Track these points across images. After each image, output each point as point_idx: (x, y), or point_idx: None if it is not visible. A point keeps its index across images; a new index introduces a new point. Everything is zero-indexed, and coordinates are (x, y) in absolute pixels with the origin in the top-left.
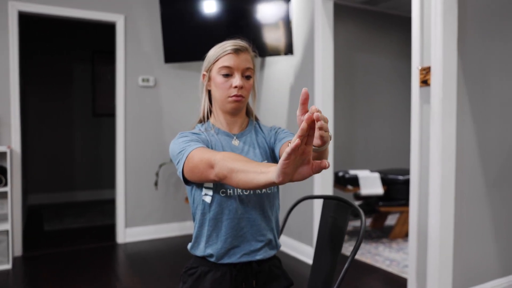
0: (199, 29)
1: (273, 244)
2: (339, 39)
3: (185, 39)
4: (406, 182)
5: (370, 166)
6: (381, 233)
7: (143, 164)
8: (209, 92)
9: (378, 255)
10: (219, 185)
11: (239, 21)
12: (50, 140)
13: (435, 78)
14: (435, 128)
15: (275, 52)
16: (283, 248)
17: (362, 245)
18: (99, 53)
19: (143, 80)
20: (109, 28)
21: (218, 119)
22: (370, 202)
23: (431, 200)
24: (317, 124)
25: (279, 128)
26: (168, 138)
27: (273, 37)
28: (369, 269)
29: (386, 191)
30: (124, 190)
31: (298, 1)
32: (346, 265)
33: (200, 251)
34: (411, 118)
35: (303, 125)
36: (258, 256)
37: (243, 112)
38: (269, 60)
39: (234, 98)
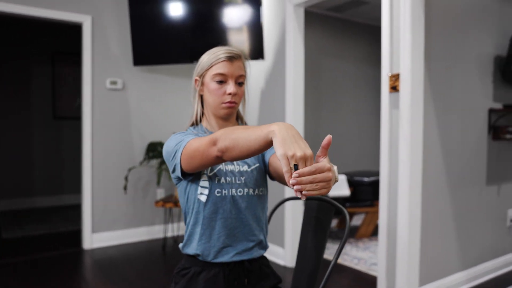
0: (168, 32)
1: (263, 244)
2: (307, 44)
3: (154, 41)
4: (371, 184)
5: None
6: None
7: (110, 168)
8: (201, 96)
9: (346, 254)
10: (214, 185)
11: (207, 24)
12: (7, 144)
13: (404, 85)
14: (404, 132)
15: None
16: None
17: (330, 245)
18: (60, 54)
19: (111, 82)
20: (70, 29)
21: (211, 123)
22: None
23: (400, 199)
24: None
25: None
26: (137, 142)
27: (242, 42)
28: (338, 268)
29: (352, 193)
30: (91, 195)
31: (269, 7)
32: (331, 264)
33: (192, 249)
34: (381, 122)
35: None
36: (250, 256)
37: (234, 116)
38: None
39: (227, 104)
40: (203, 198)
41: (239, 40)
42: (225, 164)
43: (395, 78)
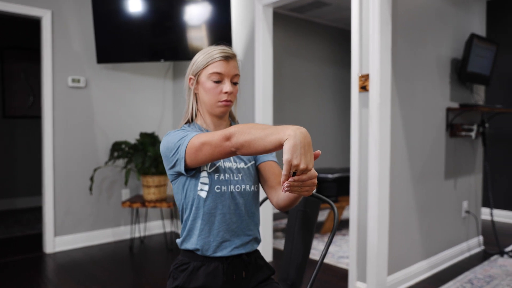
0: (131, 29)
1: (258, 238)
2: None
3: (119, 38)
4: (335, 180)
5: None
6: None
7: (73, 169)
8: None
9: (314, 249)
10: (214, 182)
11: (168, 23)
12: None
13: (373, 85)
14: (373, 130)
15: None
16: None
17: None
18: (10, 49)
19: (73, 80)
20: (21, 23)
21: (205, 121)
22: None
23: (370, 194)
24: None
25: None
26: (101, 142)
27: (208, 40)
28: (308, 262)
29: (317, 189)
30: (53, 197)
31: (238, 6)
32: (320, 258)
33: (192, 244)
34: (351, 121)
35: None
36: (247, 249)
37: (227, 114)
38: None
39: (224, 103)
40: (203, 194)
41: (205, 38)
42: (223, 161)
43: (364, 78)
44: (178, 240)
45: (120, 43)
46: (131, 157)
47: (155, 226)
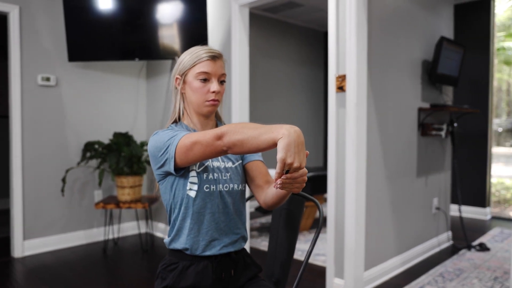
0: (103, 27)
1: (245, 236)
2: None
3: (91, 36)
4: (309, 179)
5: (275, 165)
6: None
7: (43, 170)
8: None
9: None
10: (203, 181)
11: (140, 20)
12: None
13: (350, 85)
14: (350, 129)
15: None
16: None
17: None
18: None
19: (43, 78)
20: None
21: (192, 121)
22: None
23: (347, 192)
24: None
25: None
26: (72, 142)
27: (188, 39)
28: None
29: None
30: (22, 199)
31: (214, 6)
32: (306, 256)
33: (181, 243)
34: (328, 120)
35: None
36: (235, 248)
37: (214, 114)
38: None
39: (211, 102)
40: (192, 194)
41: (176, 37)
42: (212, 161)
43: (341, 79)
44: (166, 240)
45: (92, 40)
46: (104, 157)
47: (129, 228)
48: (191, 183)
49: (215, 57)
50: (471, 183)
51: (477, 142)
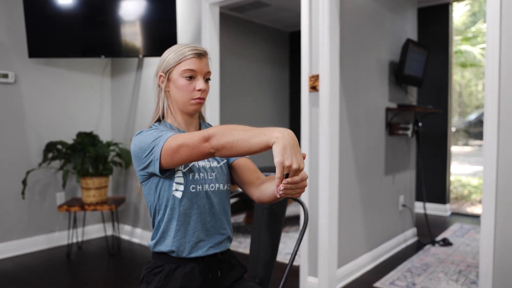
0: (65, 22)
1: (230, 237)
2: None
3: (53, 31)
4: None
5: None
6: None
7: (1, 172)
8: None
9: None
10: (189, 181)
11: (100, 16)
12: None
13: (323, 85)
14: (323, 129)
15: (159, 53)
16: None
17: (242, 239)
18: None
19: (0, 75)
20: None
21: (177, 119)
22: (245, 199)
23: (321, 191)
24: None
25: None
26: (32, 142)
27: (155, 37)
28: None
29: None
30: None
31: (184, 4)
32: (292, 256)
33: (166, 246)
34: (301, 120)
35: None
36: (221, 248)
37: (197, 113)
38: (148, 60)
39: (197, 100)
40: (179, 194)
41: (139, 35)
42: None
43: (314, 78)
44: (150, 243)
45: (54, 36)
46: (68, 158)
47: (94, 230)
48: (177, 183)
49: (201, 54)
50: (432, 181)
51: (437, 141)
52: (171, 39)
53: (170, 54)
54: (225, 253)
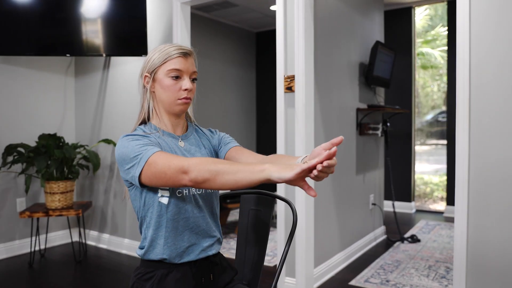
0: (22, 19)
1: (220, 239)
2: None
3: (8, 29)
4: None
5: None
6: (227, 229)
7: None
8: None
9: (232, 249)
10: (175, 187)
11: (59, 13)
12: None
13: (298, 86)
14: (299, 129)
15: (126, 52)
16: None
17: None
18: None
19: None
20: None
21: (163, 121)
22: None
23: (297, 191)
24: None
25: (222, 133)
26: None
27: (122, 35)
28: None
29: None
30: None
31: (154, 3)
32: (282, 257)
33: (156, 254)
34: (277, 120)
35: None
36: (213, 251)
37: (184, 114)
38: (117, 60)
39: (183, 100)
40: (165, 200)
41: (100, 32)
42: None
43: (290, 79)
44: (139, 252)
45: (9, 33)
46: (31, 161)
47: (58, 237)
48: (162, 189)
49: (187, 54)
50: (398, 179)
51: (402, 141)
52: (141, 38)
53: (155, 54)
54: (216, 255)
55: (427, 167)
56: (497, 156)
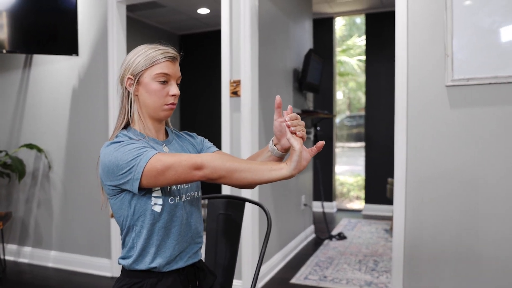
0: None
1: (201, 245)
2: None
3: None
4: None
5: None
6: None
7: None
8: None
9: None
10: (168, 194)
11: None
12: None
13: (244, 90)
14: (245, 133)
15: (47, 50)
16: (69, 267)
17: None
18: None
19: None
20: None
21: (146, 126)
22: None
23: (243, 194)
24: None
25: (201, 136)
26: None
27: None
28: None
29: None
30: None
31: (86, 0)
32: (259, 261)
33: (146, 264)
34: (222, 125)
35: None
36: (197, 257)
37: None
38: (40, 58)
39: (170, 106)
40: (158, 208)
41: (5, 27)
42: None
43: (236, 84)
44: (124, 262)
45: None
46: None
47: None
48: (155, 197)
49: (174, 58)
50: (323, 181)
51: (325, 144)
52: (70, 35)
53: (138, 56)
54: (200, 262)
55: (340, 168)
56: (430, 157)
